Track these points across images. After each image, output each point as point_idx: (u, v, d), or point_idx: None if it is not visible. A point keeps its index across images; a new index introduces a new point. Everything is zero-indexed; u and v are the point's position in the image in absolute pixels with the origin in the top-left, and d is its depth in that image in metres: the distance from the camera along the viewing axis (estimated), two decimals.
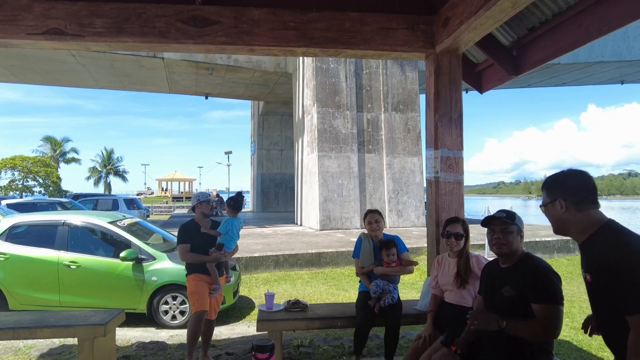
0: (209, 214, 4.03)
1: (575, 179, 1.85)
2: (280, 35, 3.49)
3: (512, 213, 2.41)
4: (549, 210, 1.89)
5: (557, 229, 1.91)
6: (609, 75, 22.72)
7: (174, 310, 5.79)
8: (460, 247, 3.00)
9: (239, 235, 4.07)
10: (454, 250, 3.02)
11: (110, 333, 3.62)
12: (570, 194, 1.82)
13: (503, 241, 2.34)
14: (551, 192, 1.89)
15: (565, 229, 1.87)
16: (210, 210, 4.05)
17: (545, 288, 2.15)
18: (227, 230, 3.95)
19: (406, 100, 16.36)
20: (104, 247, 6.08)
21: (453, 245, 3.00)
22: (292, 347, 4.44)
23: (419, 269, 7.68)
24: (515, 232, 2.34)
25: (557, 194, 1.86)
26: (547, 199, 1.90)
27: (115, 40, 3.38)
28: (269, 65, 18.62)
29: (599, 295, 1.71)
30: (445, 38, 3.41)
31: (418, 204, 15.90)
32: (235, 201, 4.01)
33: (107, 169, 59.90)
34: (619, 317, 1.60)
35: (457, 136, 3.64)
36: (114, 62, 17.92)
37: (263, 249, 10.13)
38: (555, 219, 1.88)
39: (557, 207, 1.84)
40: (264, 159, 27.77)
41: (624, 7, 2.92)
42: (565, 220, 1.84)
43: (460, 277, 2.92)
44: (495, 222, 2.39)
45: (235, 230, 3.99)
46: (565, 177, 1.89)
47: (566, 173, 1.91)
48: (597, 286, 1.69)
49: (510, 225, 2.34)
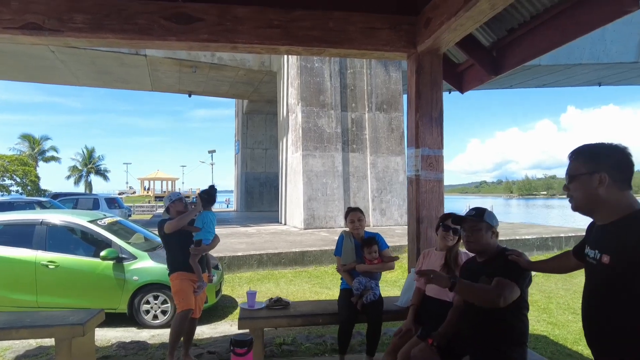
0: (184, 210, 4.04)
1: (623, 154, 1.65)
2: (264, 33, 3.48)
3: (482, 211, 2.45)
4: (581, 183, 1.67)
5: (584, 205, 1.70)
6: (587, 78, 23.28)
7: (156, 310, 5.73)
8: (454, 242, 3.04)
9: (214, 228, 4.10)
10: (448, 244, 3.04)
11: (89, 333, 3.57)
12: (616, 170, 1.63)
13: (471, 239, 2.40)
14: (592, 164, 1.66)
15: (594, 206, 1.68)
16: (185, 208, 4.06)
17: (509, 267, 2.22)
18: (202, 224, 3.98)
19: (390, 100, 16.49)
20: (83, 247, 5.98)
21: (449, 239, 3.02)
22: (275, 345, 4.45)
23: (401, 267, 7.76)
24: (485, 229, 2.38)
25: (600, 167, 1.63)
26: (582, 170, 1.67)
27: (95, 36, 3.33)
28: (254, 63, 18.53)
29: (615, 279, 1.55)
30: (427, 38, 3.46)
31: (401, 202, 16.04)
32: (208, 195, 4.05)
33: (88, 167, 58.78)
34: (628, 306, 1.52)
35: (438, 135, 3.69)
36: (95, 59, 17.60)
37: (247, 248, 10.09)
38: (586, 194, 1.66)
39: (594, 180, 1.63)
40: (248, 158, 27.62)
41: (598, 10, 3.00)
42: (599, 197, 1.63)
43: (448, 268, 2.94)
44: (464, 221, 2.45)
45: (210, 222, 4.02)
46: (612, 150, 1.67)
47: (611, 146, 1.68)
48: (618, 270, 1.53)
49: (478, 223, 2.39)
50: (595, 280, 1.67)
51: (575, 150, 1.75)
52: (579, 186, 1.68)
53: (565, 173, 1.75)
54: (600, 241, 1.66)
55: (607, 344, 1.62)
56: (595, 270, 1.65)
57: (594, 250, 1.68)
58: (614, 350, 1.59)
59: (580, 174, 1.68)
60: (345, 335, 3.53)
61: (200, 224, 3.99)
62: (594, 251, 1.68)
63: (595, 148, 1.71)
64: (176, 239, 3.97)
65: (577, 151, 1.74)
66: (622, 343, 1.55)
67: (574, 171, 1.71)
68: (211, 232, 4.07)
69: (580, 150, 1.74)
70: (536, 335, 4.91)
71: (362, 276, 3.60)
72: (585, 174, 1.66)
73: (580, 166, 1.69)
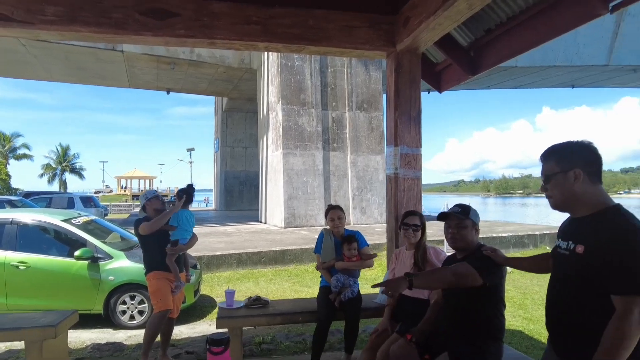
0: (161, 208, 3.98)
1: (590, 149, 1.72)
2: (243, 29, 3.44)
3: (467, 207, 2.49)
4: (558, 181, 1.73)
5: (562, 202, 1.76)
6: (562, 79, 23.90)
7: (132, 310, 5.63)
8: (417, 238, 3.08)
9: (191, 227, 4.05)
10: (411, 241, 3.09)
11: (62, 335, 3.46)
12: (588, 165, 1.70)
13: (457, 236, 2.43)
14: (564, 162, 1.72)
15: (572, 202, 1.74)
16: (162, 205, 4.00)
17: (475, 257, 2.25)
18: (178, 222, 3.93)
19: (370, 100, 16.58)
20: (57, 246, 5.82)
21: (410, 237, 3.08)
22: (254, 344, 4.42)
23: (380, 264, 7.82)
24: (470, 226, 2.43)
25: (573, 164, 1.70)
26: (557, 169, 1.74)
27: (68, 30, 3.23)
28: (233, 60, 18.35)
29: (586, 268, 1.62)
30: (406, 37, 3.48)
31: (381, 201, 16.16)
32: (187, 193, 4.00)
33: (62, 166, 57.14)
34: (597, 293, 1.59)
35: (416, 134, 3.72)
36: (69, 54, 17.12)
37: (226, 247, 10.00)
38: (564, 191, 1.73)
39: (569, 177, 1.70)
40: (227, 156, 27.35)
41: (571, 13, 3.08)
42: (576, 193, 1.70)
43: (418, 268, 2.99)
44: (450, 217, 2.47)
45: (186, 220, 3.97)
46: (580, 147, 1.74)
47: (578, 143, 1.76)
48: (590, 260, 1.61)
49: (464, 220, 2.43)
50: (566, 269, 1.72)
51: (546, 152, 1.81)
52: (556, 185, 1.74)
53: (541, 174, 1.81)
54: (575, 233, 1.72)
55: (571, 328, 1.70)
56: (568, 260, 1.71)
57: (567, 241, 1.74)
58: (578, 333, 1.67)
59: (555, 173, 1.74)
60: (322, 335, 3.48)
61: (176, 223, 3.93)
62: (566, 242, 1.74)
63: (564, 147, 1.78)
64: (153, 238, 3.90)
65: (548, 152, 1.81)
66: (587, 328, 1.63)
67: (549, 171, 1.77)
68: (188, 231, 4.02)
69: (550, 150, 1.80)
70: (512, 330, 5.02)
71: (340, 274, 3.61)
72: (560, 173, 1.72)
73: (554, 166, 1.75)
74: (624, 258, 1.52)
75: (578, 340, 1.67)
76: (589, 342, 1.59)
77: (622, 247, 1.53)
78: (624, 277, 1.52)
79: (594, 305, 1.61)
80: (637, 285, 1.50)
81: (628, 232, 1.55)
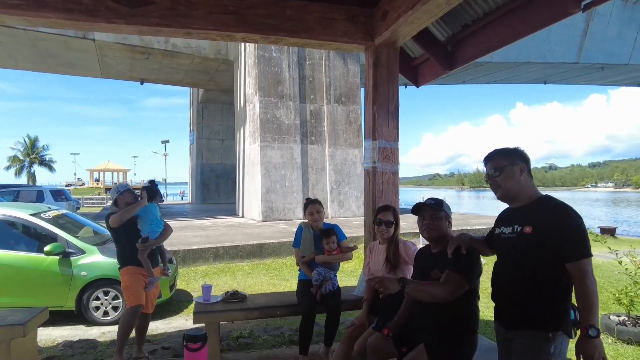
0: (134, 202, 3.89)
1: (524, 152, 2.09)
2: (219, 19, 3.37)
3: (440, 200, 2.54)
4: (507, 173, 2.03)
5: (510, 193, 2.05)
6: (534, 76, 24.50)
7: (106, 306, 5.50)
8: (390, 234, 3.11)
9: (159, 219, 4.00)
10: (384, 237, 3.12)
11: (31, 333, 3.35)
12: (525, 162, 2.05)
13: (433, 226, 2.47)
14: (509, 158, 2.05)
15: (518, 193, 2.04)
16: (134, 199, 3.92)
17: (461, 262, 2.29)
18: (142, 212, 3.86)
19: (348, 93, 16.58)
20: (25, 241, 5.62)
21: (383, 232, 3.11)
22: (231, 339, 4.39)
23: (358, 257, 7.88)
24: (444, 217, 2.48)
25: (515, 159, 2.04)
26: (504, 162, 2.04)
27: (35, 15, 3.08)
28: (210, 51, 18.02)
29: (536, 244, 1.92)
30: (384, 31, 3.48)
31: (359, 194, 16.25)
32: (150, 190, 3.95)
33: (30, 158, 55.11)
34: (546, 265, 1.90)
35: (394, 128, 3.74)
36: (37, 42, 16.47)
37: (202, 241, 9.88)
38: (513, 182, 2.03)
39: (515, 170, 2.02)
40: (203, 149, 26.94)
41: (545, 11, 3.14)
42: (521, 184, 2.03)
43: (390, 262, 3.03)
44: (425, 209, 2.51)
45: (151, 214, 3.91)
46: (515, 149, 2.09)
47: (513, 148, 2.11)
48: (539, 236, 1.92)
49: (438, 211, 2.47)
50: (515, 248, 2.01)
51: (490, 154, 2.13)
52: (506, 177, 2.04)
53: (491, 169, 2.10)
54: (520, 218, 2.02)
55: (517, 299, 2.00)
56: (517, 241, 2.01)
57: (512, 226, 2.05)
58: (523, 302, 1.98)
59: (505, 165, 2.04)
60: (308, 327, 3.49)
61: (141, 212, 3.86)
62: (511, 227, 2.05)
63: (505, 149, 2.11)
64: (125, 232, 3.82)
65: (492, 153, 2.12)
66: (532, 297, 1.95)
67: (498, 165, 2.06)
68: (157, 224, 3.96)
69: (494, 152, 2.13)
70: (486, 321, 5.13)
71: (321, 267, 3.61)
72: (509, 165, 2.04)
73: (502, 160, 2.07)
74: (569, 232, 1.87)
75: (524, 308, 1.97)
76: (533, 308, 1.94)
77: (567, 225, 1.88)
78: (573, 247, 1.86)
79: (539, 276, 1.93)
80: (585, 250, 1.85)
81: (567, 211, 1.90)
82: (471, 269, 2.30)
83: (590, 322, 1.79)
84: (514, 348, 2.02)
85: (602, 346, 1.79)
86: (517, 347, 2.00)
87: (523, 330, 1.97)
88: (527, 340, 1.96)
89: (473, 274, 2.30)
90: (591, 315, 1.80)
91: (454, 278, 2.26)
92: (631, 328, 4.54)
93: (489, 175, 2.11)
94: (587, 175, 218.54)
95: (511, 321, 2.05)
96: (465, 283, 2.25)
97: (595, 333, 1.78)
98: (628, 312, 4.79)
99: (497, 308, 2.15)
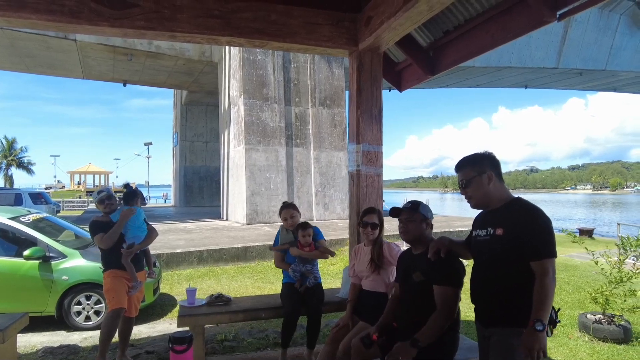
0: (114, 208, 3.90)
1: (493, 157, 2.16)
2: (204, 23, 3.37)
3: (417, 203, 2.60)
4: (476, 184, 2.11)
5: (481, 201, 2.15)
6: (516, 80, 24.99)
7: (88, 311, 5.42)
8: (375, 236, 3.17)
9: (143, 223, 3.99)
10: (370, 238, 3.18)
11: (10, 339, 3.29)
12: (494, 168, 2.13)
13: (406, 229, 2.55)
14: (476, 167, 2.12)
15: (488, 200, 2.13)
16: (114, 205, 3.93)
17: (447, 272, 2.35)
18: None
19: (333, 96, 16.65)
20: (3, 246, 5.49)
21: (369, 234, 3.17)
22: (216, 342, 4.38)
23: (342, 259, 7.92)
24: (419, 220, 2.53)
25: (484, 168, 2.11)
26: (472, 174, 2.12)
27: (16, 16, 3.04)
28: (194, 53, 17.90)
29: (507, 244, 2.01)
30: (368, 36, 3.53)
31: (344, 197, 16.31)
32: (126, 194, 3.97)
33: (8, 160, 53.71)
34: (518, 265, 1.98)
35: (377, 131, 3.80)
36: (15, 41, 16.11)
37: (186, 244, 9.79)
38: (482, 192, 2.12)
39: (484, 179, 2.10)
40: (187, 151, 26.68)
41: (523, 19, 3.24)
42: (491, 191, 2.11)
43: (374, 263, 3.09)
44: (402, 212, 2.57)
45: (135, 218, 3.89)
46: (485, 155, 2.17)
47: (481, 152, 2.18)
48: (509, 237, 2.01)
49: (413, 214, 2.53)
50: (490, 250, 2.09)
51: (460, 162, 2.20)
52: (475, 187, 2.13)
53: (460, 181, 2.19)
54: (492, 221, 2.12)
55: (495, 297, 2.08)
56: (490, 243, 2.10)
57: (486, 229, 2.13)
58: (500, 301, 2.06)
59: (473, 177, 2.12)
60: (290, 327, 3.54)
61: (116, 219, 3.83)
62: (485, 230, 2.14)
63: (474, 156, 2.19)
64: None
65: (461, 162, 2.20)
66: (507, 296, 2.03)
67: (467, 176, 2.15)
68: (141, 228, 3.95)
69: (464, 160, 2.20)
70: (468, 321, 5.21)
71: (296, 264, 3.66)
72: (477, 176, 2.11)
73: (470, 171, 2.14)
74: (534, 231, 1.97)
75: (500, 306, 2.06)
76: (508, 306, 2.03)
77: (532, 225, 1.98)
78: (538, 246, 1.95)
79: (513, 276, 2.01)
80: (549, 251, 1.95)
81: (535, 212, 2.00)
82: (456, 275, 2.36)
83: (538, 317, 1.89)
84: (491, 344, 2.10)
85: (545, 340, 1.90)
86: (493, 343, 2.09)
87: (498, 328, 2.07)
88: (502, 337, 2.05)
89: (460, 277, 2.38)
90: (541, 311, 1.90)
91: (445, 292, 2.33)
92: (607, 326, 4.69)
93: (460, 186, 2.21)
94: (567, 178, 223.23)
95: (488, 319, 2.14)
96: (457, 291, 2.35)
97: (541, 327, 1.87)
98: (604, 310, 4.94)
99: (476, 308, 2.24)
